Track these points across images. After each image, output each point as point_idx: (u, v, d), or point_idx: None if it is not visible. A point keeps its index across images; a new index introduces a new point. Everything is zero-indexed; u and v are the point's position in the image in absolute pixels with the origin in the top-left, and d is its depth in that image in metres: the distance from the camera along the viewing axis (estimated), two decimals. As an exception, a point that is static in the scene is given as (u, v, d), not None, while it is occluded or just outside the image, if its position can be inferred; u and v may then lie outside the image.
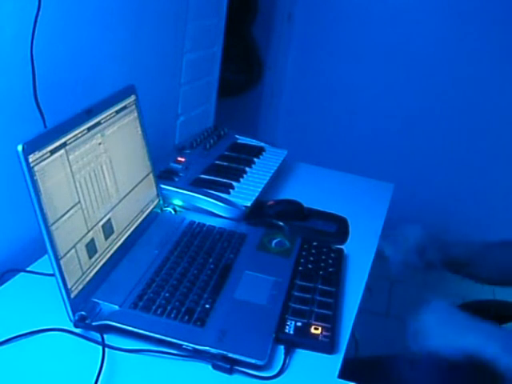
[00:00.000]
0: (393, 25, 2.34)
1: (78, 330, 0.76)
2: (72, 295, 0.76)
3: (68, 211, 0.77)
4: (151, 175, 1.05)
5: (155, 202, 1.06)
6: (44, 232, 0.72)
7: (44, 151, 0.72)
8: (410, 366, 1.01)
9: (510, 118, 2.33)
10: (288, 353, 0.76)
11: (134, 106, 1.00)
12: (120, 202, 0.93)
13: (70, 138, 0.79)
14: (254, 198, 1.15)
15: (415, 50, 2.34)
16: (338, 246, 1.05)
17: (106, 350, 0.72)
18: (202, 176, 1.22)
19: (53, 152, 0.74)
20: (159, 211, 1.07)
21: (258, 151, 1.41)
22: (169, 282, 0.86)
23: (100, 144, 0.87)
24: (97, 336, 0.74)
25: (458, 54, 2.30)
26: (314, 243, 1.03)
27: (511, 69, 2.27)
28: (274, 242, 1.03)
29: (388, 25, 2.34)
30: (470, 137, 2.39)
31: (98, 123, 0.87)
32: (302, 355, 0.77)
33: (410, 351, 1.05)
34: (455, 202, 2.48)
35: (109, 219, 0.88)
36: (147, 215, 1.02)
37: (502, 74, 2.28)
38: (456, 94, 2.35)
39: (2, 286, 0.85)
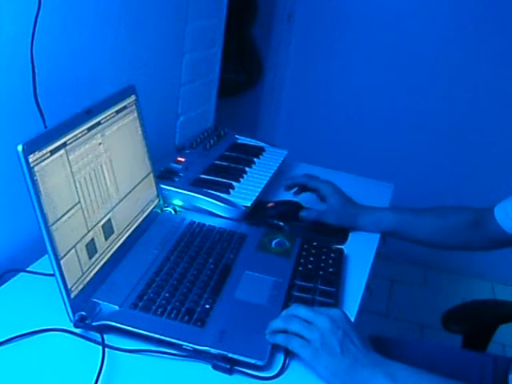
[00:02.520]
0: (393, 25, 2.34)
1: (78, 330, 0.76)
2: (72, 295, 0.76)
3: (68, 211, 0.77)
4: (151, 175, 1.05)
5: (155, 202, 1.06)
6: (44, 232, 0.72)
7: (44, 151, 0.72)
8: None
9: (511, 118, 2.33)
10: (288, 353, 0.76)
11: (134, 106, 1.00)
12: (120, 202, 0.93)
13: (70, 138, 0.79)
14: (254, 198, 1.15)
15: (415, 49, 2.34)
16: (338, 246, 1.05)
17: (106, 349, 0.72)
18: (202, 176, 1.22)
19: (53, 152, 0.74)
20: (159, 211, 1.07)
21: (257, 151, 1.41)
22: (169, 282, 0.86)
23: (100, 144, 0.87)
24: (97, 336, 0.74)
25: (459, 55, 2.30)
26: (314, 243, 1.03)
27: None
28: (274, 242, 1.03)
29: (388, 25, 2.34)
30: (470, 137, 2.39)
31: (98, 123, 0.87)
32: (302, 355, 0.77)
33: None
34: (455, 201, 2.48)
35: (109, 219, 0.88)
36: (147, 215, 1.02)
37: (503, 75, 2.28)
38: (456, 94, 2.35)
39: (2, 286, 0.85)
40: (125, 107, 0.96)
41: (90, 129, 0.84)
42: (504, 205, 1.03)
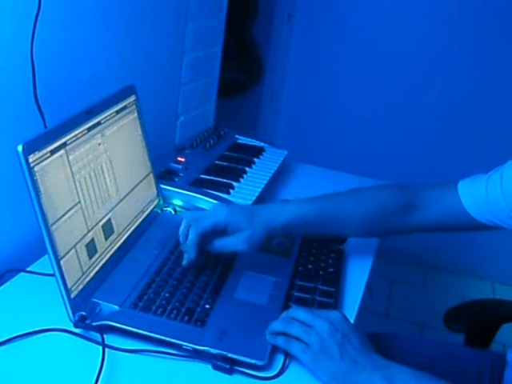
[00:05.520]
0: (392, 25, 2.34)
1: (78, 330, 0.76)
2: (72, 295, 0.76)
3: (68, 211, 0.77)
4: (151, 175, 1.05)
5: (155, 202, 1.06)
6: (44, 232, 0.72)
7: (44, 151, 0.72)
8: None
9: (510, 118, 2.33)
10: (288, 353, 0.76)
11: (134, 106, 1.00)
12: (120, 202, 0.93)
13: (70, 138, 0.79)
14: (254, 198, 1.15)
15: (415, 49, 2.34)
16: (338, 246, 1.05)
17: (106, 350, 0.72)
18: (202, 176, 1.22)
19: (53, 152, 0.74)
20: (159, 211, 1.07)
21: (257, 151, 1.41)
22: (169, 282, 0.86)
23: (100, 144, 0.87)
24: (97, 336, 0.74)
25: (458, 55, 2.30)
26: (314, 243, 1.03)
27: (510, 70, 2.27)
28: (274, 242, 1.02)
29: (388, 25, 2.34)
30: (470, 137, 2.39)
31: (98, 123, 0.87)
32: (302, 355, 0.77)
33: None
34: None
35: (109, 219, 0.88)
36: (147, 215, 1.02)
37: (502, 75, 2.28)
38: (457, 94, 2.35)
39: (2, 286, 0.85)
40: (125, 107, 0.96)
41: (90, 129, 0.84)
42: (469, 186, 0.93)
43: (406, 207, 0.95)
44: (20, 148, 0.68)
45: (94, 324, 0.76)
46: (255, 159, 1.36)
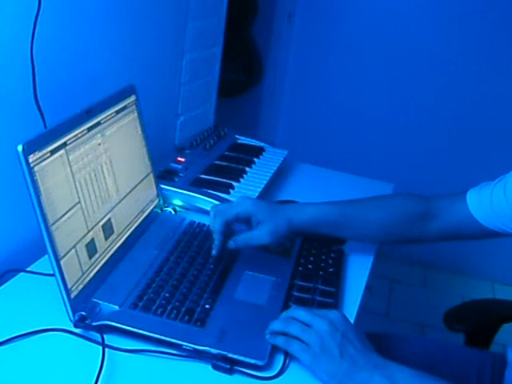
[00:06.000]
0: (393, 24, 2.34)
1: (78, 330, 0.76)
2: (72, 295, 0.76)
3: (68, 211, 0.77)
4: (151, 175, 1.05)
5: (155, 202, 1.06)
6: (44, 232, 0.72)
7: (44, 151, 0.73)
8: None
9: (511, 117, 2.33)
10: (288, 353, 0.76)
11: (133, 106, 1.00)
12: (120, 202, 0.93)
13: (70, 138, 0.79)
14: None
15: (416, 49, 2.34)
16: (338, 246, 1.05)
17: (106, 350, 0.72)
18: (202, 176, 1.22)
19: (53, 152, 0.74)
20: (159, 211, 1.07)
21: (257, 151, 1.41)
22: (169, 282, 0.86)
23: (100, 144, 0.87)
24: (97, 336, 0.74)
25: (459, 54, 2.30)
26: (314, 243, 1.03)
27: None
28: (274, 242, 1.02)
29: (388, 24, 2.34)
30: (470, 137, 2.39)
31: (98, 123, 0.87)
32: (302, 355, 0.77)
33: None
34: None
35: (109, 219, 0.88)
36: (147, 215, 1.02)
37: (503, 75, 2.28)
38: (456, 94, 2.35)
39: (2, 286, 0.85)
40: (125, 107, 0.96)
41: (90, 129, 0.84)
42: (477, 195, 0.93)
43: (421, 216, 0.97)
44: (20, 148, 0.68)
45: (93, 324, 0.76)
46: (255, 159, 1.36)
